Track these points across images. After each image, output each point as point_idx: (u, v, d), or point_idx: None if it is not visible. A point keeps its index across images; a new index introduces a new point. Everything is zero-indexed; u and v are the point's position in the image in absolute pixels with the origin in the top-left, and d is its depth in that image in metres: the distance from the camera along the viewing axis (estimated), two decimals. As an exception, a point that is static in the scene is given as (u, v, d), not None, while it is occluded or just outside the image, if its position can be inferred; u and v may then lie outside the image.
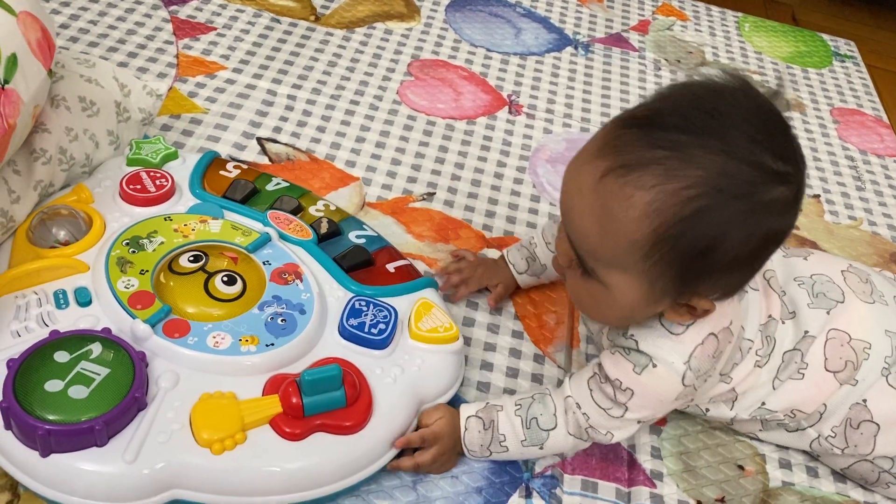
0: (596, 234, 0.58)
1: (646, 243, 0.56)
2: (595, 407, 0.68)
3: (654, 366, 0.64)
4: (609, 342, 0.69)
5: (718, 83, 0.57)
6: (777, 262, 0.75)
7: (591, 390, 0.68)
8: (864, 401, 0.71)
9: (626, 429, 0.69)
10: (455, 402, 0.74)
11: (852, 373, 0.71)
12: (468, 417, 0.70)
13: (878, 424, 0.71)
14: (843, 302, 0.72)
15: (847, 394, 0.71)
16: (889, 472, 0.73)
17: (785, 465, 0.78)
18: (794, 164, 0.57)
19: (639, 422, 0.69)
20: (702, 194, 0.54)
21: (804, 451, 0.79)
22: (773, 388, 0.72)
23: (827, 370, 0.71)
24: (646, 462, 0.76)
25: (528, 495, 0.71)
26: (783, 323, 0.72)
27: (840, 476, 0.78)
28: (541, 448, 0.70)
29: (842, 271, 0.74)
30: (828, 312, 0.72)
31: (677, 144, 0.54)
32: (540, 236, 0.85)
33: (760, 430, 0.77)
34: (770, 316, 0.71)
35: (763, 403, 0.73)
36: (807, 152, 1.24)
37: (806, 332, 0.71)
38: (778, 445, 0.79)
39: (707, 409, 0.75)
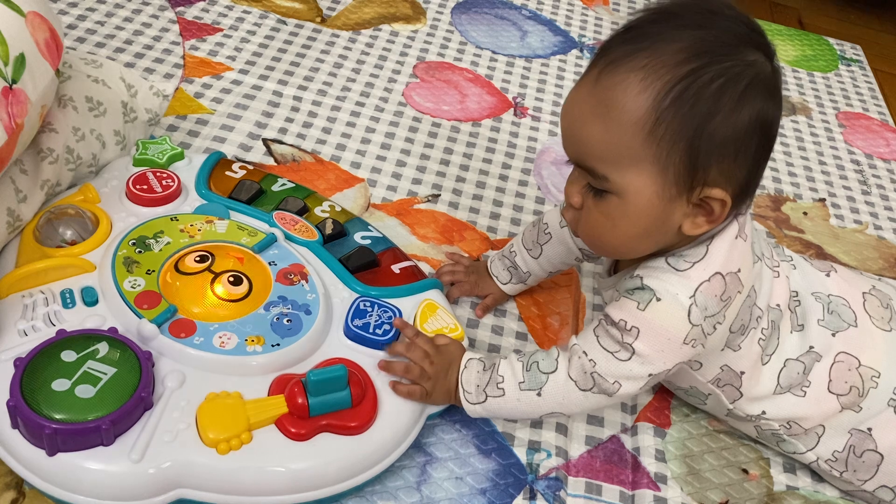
0: (601, 131, 0.60)
1: (648, 119, 0.59)
2: (602, 352, 0.66)
3: (659, 299, 0.64)
4: (617, 294, 0.68)
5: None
6: (798, 267, 0.75)
7: (597, 337, 0.66)
8: (869, 429, 0.71)
9: (634, 380, 0.65)
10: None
11: (857, 399, 0.70)
12: (469, 359, 0.70)
13: (882, 455, 0.71)
14: (856, 326, 0.72)
15: (849, 419, 0.71)
16: (890, 503, 0.72)
17: (789, 469, 0.78)
18: (766, 42, 0.61)
19: (649, 374, 0.65)
20: (688, 58, 0.58)
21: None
22: (774, 394, 0.71)
23: (830, 392, 0.71)
24: (650, 465, 0.76)
25: (532, 497, 0.71)
26: (790, 332, 0.71)
27: (845, 480, 0.78)
28: (539, 395, 0.67)
29: (863, 293, 0.74)
30: (833, 334, 0.71)
31: (655, 32, 0.60)
32: (520, 243, 0.85)
33: (757, 437, 0.77)
34: (778, 305, 0.71)
35: (763, 412, 0.72)
36: (812, 156, 1.24)
37: (811, 346, 0.71)
38: (782, 449, 0.79)
39: (708, 395, 0.74)
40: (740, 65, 0.59)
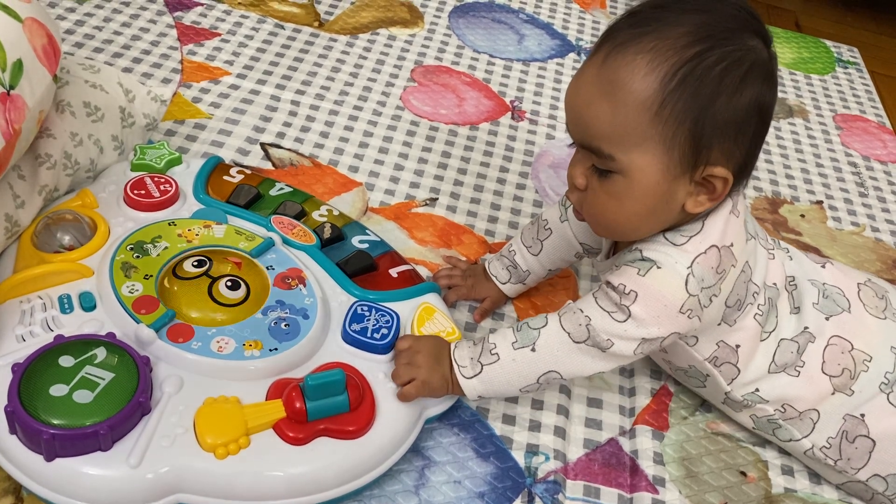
0: (608, 111, 0.62)
1: (655, 99, 0.60)
2: (599, 310, 0.67)
3: (658, 267, 0.65)
4: (617, 268, 0.69)
5: None
6: (794, 257, 0.76)
7: (595, 298, 0.68)
8: (862, 415, 0.71)
9: (627, 341, 0.66)
10: (457, 408, 0.74)
11: (848, 381, 0.71)
12: (457, 342, 0.72)
13: (874, 441, 0.71)
14: (849, 312, 0.73)
15: (841, 403, 0.72)
16: (883, 494, 0.73)
17: (787, 471, 0.78)
18: (764, 29, 0.63)
19: (643, 338, 0.66)
20: (693, 42, 0.60)
21: (806, 458, 0.79)
22: (769, 373, 0.72)
23: (823, 373, 0.72)
24: (648, 468, 0.76)
25: (531, 500, 0.71)
26: (789, 314, 0.72)
27: (842, 482, 0.78)
28: (533, 350, 0.68)
29: (858, 283, 0.75)
30: (827, 318, 0.72)
31: (660, 17, 0.62)
32: (519, 241, 0.85)
33: (754, 428, 0.77)
34: (774, 284, 0.72)
35: (756, 389, 0.73)
36: (809, 158, 1.25)
37: (806, 327, 0.72)
38: (780, 451, 0.79)
39: (707, 376, 0.74)
40: (742, 49, 0.61)
